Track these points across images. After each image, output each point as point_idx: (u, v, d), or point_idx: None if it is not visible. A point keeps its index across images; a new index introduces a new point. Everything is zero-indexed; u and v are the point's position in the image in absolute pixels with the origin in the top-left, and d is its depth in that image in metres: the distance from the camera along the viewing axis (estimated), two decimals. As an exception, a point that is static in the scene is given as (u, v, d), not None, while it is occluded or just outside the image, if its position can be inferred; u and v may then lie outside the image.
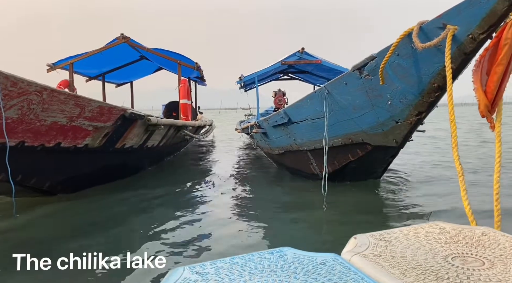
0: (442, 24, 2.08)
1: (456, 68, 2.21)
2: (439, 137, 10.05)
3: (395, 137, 2.94)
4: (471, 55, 2.17)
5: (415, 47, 2.16)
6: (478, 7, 1.96)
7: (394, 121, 2.85)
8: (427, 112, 2.69)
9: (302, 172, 4.57)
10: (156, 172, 5.41)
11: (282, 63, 6.94)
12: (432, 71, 2.39)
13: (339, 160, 3.66)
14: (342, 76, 3.06)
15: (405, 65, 2.44)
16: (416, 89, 2.54)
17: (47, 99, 2.81)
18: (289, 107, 3.87)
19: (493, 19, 1.94)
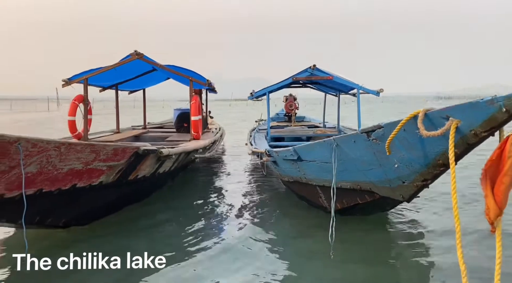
0: (446, 116, 2.12)
1: (460, 153, 2.25)
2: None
3: (402, 194, 2.99)
4: (475, 145, 2.20)
5: (419, 133, 2.21)
6: (480, 110, 1.99)
7: (401, 181, 2.90)
8: (433, 180, 2.73)
9: (310, 201, 4.65)
10: (163, 195, 5.51)
11: (293, 79, 6.95)
12: (437, 151, 2.44)
13: (347, 200, 3.73)
14: (351, 135, 3.09)
15: (411, 141, 2.48)
16: (422, 161, 2.59)
17: (65, 151, 2.92)
18: (299, 147, 3.92)
19: (494, 123, 1.97)
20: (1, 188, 2.67)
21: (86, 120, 6.66)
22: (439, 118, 2.19)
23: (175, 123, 8.36)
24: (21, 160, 2.57)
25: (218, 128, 9.71)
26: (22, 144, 2.50)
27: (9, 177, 2.65)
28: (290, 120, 11.25)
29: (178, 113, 9.03)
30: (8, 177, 2.64)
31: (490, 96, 1.95)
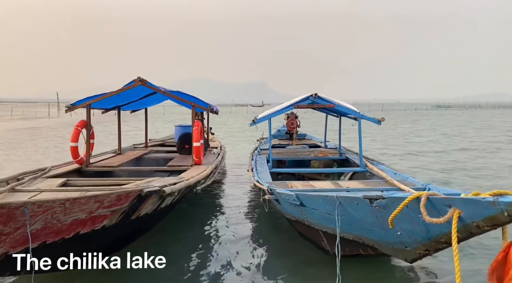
0: (448, 205, 2.14)
1: (463, 238, 2.26)
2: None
3: (405, 257, 3.00)
4: (479, 234, 2.21)
5: (422, 218, 2.23)
6: (482, 208, 2.01)
7: (404, 246, 2.91)
8: (436, 252, 2.75)
9: (312, 242, 4.65)
10: (161, 229, 5.49)
11: (295, 107, 7.00)
12: (439, 231, 2.46)
13: (350, 249, 3.73)
14: (354, 197, 3.11)
15: (414, 217, 2.49)
16: (424, 235, 2.61)
17: (69, 206, 2.94)
18: (302, 195, 3.93)
19: (496, 222, 1.99)
20: (6, 246, 2.69)
21: (88, 146, 6.68)
22: (441, 205, 2.21)
23: (176, 145, 8.37)
24: (27, 221, 2.58)
25: (219, 148, 9.72)
26: (28, 207, 2.53)
27: (15, 237, 2.67)
28: (292, 138, 11.28)
29: (179, 133, 9.06)
30: (13, 237, 2.66)
31: (491, 198, 1.95)
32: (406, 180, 5.21)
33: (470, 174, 10.04)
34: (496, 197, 1.96)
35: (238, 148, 15.61)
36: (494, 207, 1.94)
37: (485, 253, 4.47)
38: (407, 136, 21.35)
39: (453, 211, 2.09)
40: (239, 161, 12.17)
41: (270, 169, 6.82)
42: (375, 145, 16.21)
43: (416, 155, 13.68)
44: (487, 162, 11.85)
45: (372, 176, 6.29)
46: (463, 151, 14.54)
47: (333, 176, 7.53)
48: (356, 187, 5.01)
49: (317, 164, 8.18)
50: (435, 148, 15.64)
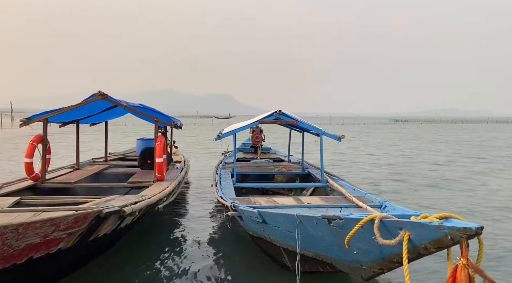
0: (399, 227, 2.29)
1: (412, 258, 2.41)
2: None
3: (361, 275, 3.12)
4: (427, 255, 2.37)
5: (375, 239, 2.36)
6: (429, 231, 2.16)
7: (360, 264, 3.03)
8: (389, 270, 2.89)
9: (274, 258, 4.70)
10: (120, 249, 5.32)
11: (259, 123, 7.11)
12: (392, 252, 2.61)
13: (310, 266, 3.83)
14: (313, 217, 3.20)
15: (369, 238, 2.62)
16: (378, 255, 2.75)
17: (23, 231, 2.80)
18: (264, 213, 3.99)
19: (441, 245, 2.15)
20: None
21: (44, 161, 6.39)
22: (393, 227, 2.35)
23: (138, 160, 8.17)
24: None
25: (183, 162, 9.60)
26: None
27: None
28: (256, 152, 11.39)
29: (141, 147, 8.87)
30: None
31: (437, 222, 2.11)
32: (364, 197, 5.42)
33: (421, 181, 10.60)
34: (442, 220, 2.11)
35: (202, 161, 15.51)
36: (439, 231, 2.08)
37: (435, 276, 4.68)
38: (366, 148, 22.18)
39: (403, 233, 2.23)
40: (203, 174, 12.08)
41: (234, 183, 6.85)
42: (336, 157, 16.72)
43: (373, 165, 14.27)
44: (438, 171, 12.58)
45: (333, 191, 6.48)
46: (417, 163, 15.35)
47: (295, 191, 7.67)
48: (317, 203, 5.15)
49: (281, 178, 8.32)
50: (388, 160, 16.40)
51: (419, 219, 2.27)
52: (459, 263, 1.97)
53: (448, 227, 2.04)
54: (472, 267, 1.99)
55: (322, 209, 4.91)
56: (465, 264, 1.99)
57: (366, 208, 4.67)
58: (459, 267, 1.93)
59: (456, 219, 2.18)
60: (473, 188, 10.36)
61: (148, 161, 8.01)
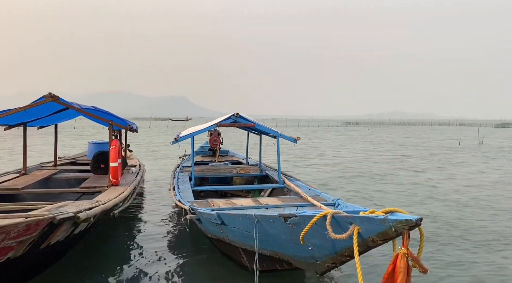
0: (350, 222, 2.47)
1: (362, 251, 2.60)
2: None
3: (315, 270, 3.29)
4: (375, 247, 2.57)
5: (328, 234, 2.53)
6: (375, 225, 2.36)
7: (314, 260, 3.20)
8: (342, 264, 3.09)
9: (233, 259, 4.77)
10: (73, 256, 5.12)
11: (217, 125, 7.15)
12: (343, 246, 2.80)
13: (267, 265, 3.95)
14: (270, 216, 3.33)
15: (322, 233, 2.79)
16: (331, 250, 2.93)
17: (-32, 240, 2.65)
18: (223, 214, 4.05)
19: (386, 237, 2.36)
20: None
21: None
22: (344, 222, 2.53)
23: (91, 165, 7.88)
24: None
25: (138, 166, 9.39)
26: None
27: None
28: (215, 155, 11.38)
29: (94, 151, 8.56)
30: None
31: (382, 216, 2.31)
32: (318, 196, 5.67)
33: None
34: (387, 214, 2.31)
35: (158, 165, 15.22)
36: (385, 224, 2.28)
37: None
38: (322, 148, 22.91)
39: (353, 227, 2.41)
40: (160, 178, 11.88)
41: (192, 187, 6.84)
42: (292, 158, 17.13)
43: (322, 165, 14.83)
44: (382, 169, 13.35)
45: (290, 192, 6.69)
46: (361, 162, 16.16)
47: (253, 192, 7.80)
48: (274, 204, 5.30)
49: (239, 181, 8.41)
50: (336, 159, 17.13)
51: (367, 214, 2.46)
52: (399, 252, 2.17)
53: (392, 220, 2.24)
54: (410, 256, 2.20)
55: (279, 208, 5.07)
56: (405, 253, 2.19)
57: (321, 206, 4.90)
58: (399, 256, 2.13)
59: (400, 212, 2.39)
60: (416, 181, 11.12)
61: (101, 165, 7.75)
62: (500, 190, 10.56)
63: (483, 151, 23.41)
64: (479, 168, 15.20)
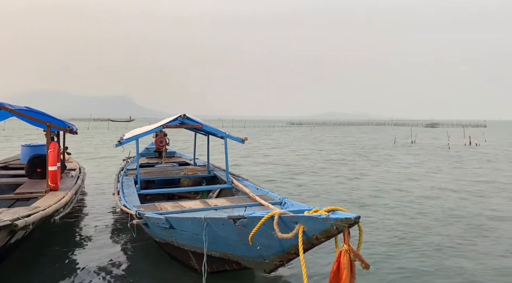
0: (295, 221, 2.62)
1: (307, 248, 2.77)
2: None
3: (264, 268, 3.42)
4: (319, 244, 2.74)
5: (275, 234, 2.67)
6: (318, 223, 2.53)
7: (263, 259, 3.33)
8: (288, 262, 3.25)
9: (182, 262, 4.75)
10: (10, 266, 4.80)
11: (164, 127, 7.03)
12: (290, 244, 2.94)
13: (217, 266, 4.01)
14: (219, 218, 3.39)
15: (270, 233, 2.91)
16: (278, 249, 3.08)
17: None
18: (171, 218, 4.03)
19: (329, 234, 2.54)
20: None
21: None
22: (290, 222, 2.68)
23: (26, 169, 7.36)
24: None
25: (78, 170, 8.93)
26: None
27: None
28: (161, 156, 11.12)
29: (29, 155, 8.00)
30: None
31: (325, 215, 2.47)
32: (266, 195, 5.83)
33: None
34: (329, 213, 2.48)
35: (100, 168, 14.55)
36: (327, 222, 2.45)
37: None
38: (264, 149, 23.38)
39: (298, 227, 2.57)
40: (103, 182, 11.38)
41: (138, 190, 6.66)
42: (240, 158, 17.30)
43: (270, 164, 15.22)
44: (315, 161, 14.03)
45: (238, 192, 6.78)
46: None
47: (202, 193, 7.78)
48: (223, 205, 5.36)
49: (187, 182, 8.32)
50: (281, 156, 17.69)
51: (311, 213, 2.61)
52: (342, 249, 2.35)
53: (333, 219, 2.42)
54: (352, 252, 2.38)
55: (228, 209, 5.14)
56: (347, 249, 2.37)
57: (268, 205, 5.04)
58: (342, 253, 2.32)
59: (341, 211, 2.58)
60: (357, 177, 11.80)
61: (38, 170, 7.29)
62: (427, 181, 11.56)
63: (415, 148, 25.35)
64: (411, 163, 16.47)
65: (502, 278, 4.72)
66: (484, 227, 6.92)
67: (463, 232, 6.62)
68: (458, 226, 7.03)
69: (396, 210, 8.21)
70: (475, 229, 6.84)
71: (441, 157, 19.60)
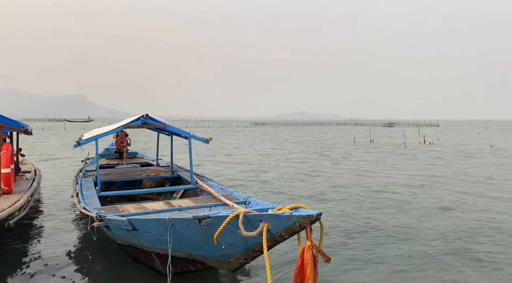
0: (260, 220, 2.70)
1: (271, 245, 2.85)
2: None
3: (228, 267, 3.46)
4: (283, 241, 2.83)
5: (240, 233, 2.73)
6: (282, 221, 2.62)
7: (227, 258, 3.38)
8: (252, 259, 3.32)
9: (145, 264, 4.70)
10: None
11: (125, 127, 6.89)
12: (254, 242, 3.01)
13: (181, 266, 4.01)
14: (184, 219, 3.40)
15: (235, 232, 2.97)
16: (243, 247, 3.13)
17: None
18: (134, 220, 3.98)
19: (292, 231, 2.64)
20: None
21: None
22: (255, 221, 2.75)
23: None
24: None
25: (33, 172, 8.54)
26: None
27: None
28: (122, 157, 10.83)
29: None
30: None
31: (288, 212, 2.57)
32: (230, 195, 5.87)
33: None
34: (292, 211, 2.58)
35: (57, 170, 13.94)
36: (290, 220, 2.55)
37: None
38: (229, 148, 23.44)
39: (263, 225, 2.65)
40: (60, 184, 10.91)
41: (98, 192, 6.48)
42: (204, 158, 17.23)
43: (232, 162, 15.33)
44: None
45: (202, 192, 6.76)
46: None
47: (165, 195, 7.67)
48: (187, 205, 5.34)
49: (149, 183, 8.17)
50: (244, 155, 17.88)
51: (275, 211, 2.70)
52: (305, 245, 2.45)
53: (296, 216, 2.52)
54: (314, 248, 2.48)
55: (192, 210, 5.13)
56: (310, 245, 2.47)
57: (233, 205, 5.09)
58: (306, 249, 2.41)
59: (303, 208, 2.67)
60: (318, 174, 12.15)
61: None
62: (386, 177, 12.12)
63: (373, 147, 26.37)
64: (368, 160, 17.15)
65: (443, 257, 5.26)
66: (431, 216, 7.54)
67: (412, 221, 7.18)
68: (408, 215, 7.61)
69: (353, 204, 8.57)
70: (424, 217, 7.49)
71: (397, 155, 20.53)
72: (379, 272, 4.78)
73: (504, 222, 7.15)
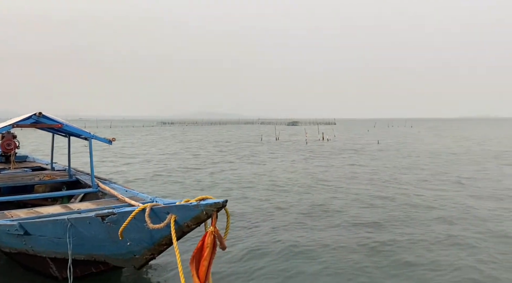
0: (167, 212, 2.81)
1: (179, 236, 2.96)
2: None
3: (134, 264, 3.45)
4: (190, 231, 2.97)
5: (147, 226, 2.80)
6: (189, 211, 2.77)
7: (133, 255, 3.37)
8: (159, 254, 3.38)
9: (40, 272, 4.38)
10: None
11: (13, 126, 6.24)
12: (161, 235, 3.07)
13: (82, 270, 3.85)
14: (86, 217, 3.31)
15: (141, 226, 3.01)
16: (150, 241, 3.17)
17: None
18: (27, 223, 3.68)
19: (199, 220, 2.80)
20: None
21: None
22: (162, 213, 2.83)
23: None
24: None
25: None
26: None
27: None
28: (9, 161, 9.70)
29: None
30: None
31: (195, 202, 2.73)
32: (136, 196, 5.74)
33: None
34: (199, 201, 2.74)
35: None
36: (197, 209, 2.70)
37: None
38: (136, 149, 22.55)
39: (170, 216, 2.75)
40: None
41: None
42: (109, 159, 16.30)
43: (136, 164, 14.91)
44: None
45: (104, 195, 6.46)
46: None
47: (62, 200, 7.13)
48: (88, 208, 5.08)
49: (43, 189, 7.48)
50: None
51: (182, 203, 2.83)
52: (208, 230, 2.64)
53: (203, 204, 2.68)
54: (216, 234, 2.68)
55: (94, 212, 4.91)
56: (213, 231, 2.67)
57: (138, 205, 5.01)
58: (208, 233, 2.60)
59: (210, 198, 2.85)
60: (226, 171, 12.51)
61: None
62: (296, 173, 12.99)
63: (278, 143, 27.84)
64: (274, 157, 18.13)
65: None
66: (324, 206, 8.34)
67: (307, 211, 7.90)
68: (304, 206, 8.32)
69: (261, 197, 9.08)
70: (318, 207, 8.26)
71: (299, 151, 22.05)
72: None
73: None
